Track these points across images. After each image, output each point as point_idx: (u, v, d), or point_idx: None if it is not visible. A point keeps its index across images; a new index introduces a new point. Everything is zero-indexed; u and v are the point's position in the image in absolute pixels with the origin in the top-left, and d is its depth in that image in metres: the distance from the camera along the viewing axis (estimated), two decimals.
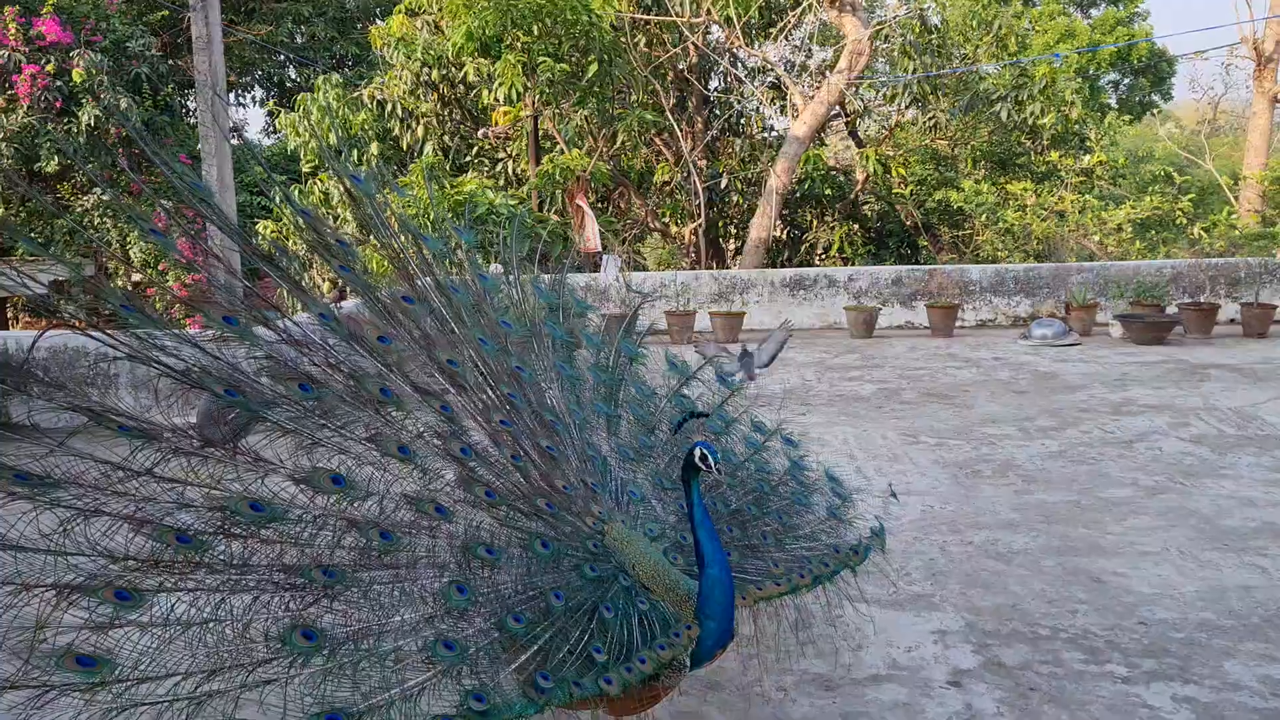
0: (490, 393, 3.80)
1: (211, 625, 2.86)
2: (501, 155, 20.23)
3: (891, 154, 22.27)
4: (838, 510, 4.43)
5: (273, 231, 16.94)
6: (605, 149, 20.69)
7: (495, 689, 3.02)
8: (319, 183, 17.61)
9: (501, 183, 19.59)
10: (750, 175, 22.93)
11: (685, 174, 21.55)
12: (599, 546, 3.55)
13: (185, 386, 3.09)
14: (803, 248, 24.09)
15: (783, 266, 22.50)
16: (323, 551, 3.10)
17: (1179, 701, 4.24)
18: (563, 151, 18.53)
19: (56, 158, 17.97)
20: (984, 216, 19.88)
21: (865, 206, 24.40)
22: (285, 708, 2.79)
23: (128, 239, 19.39)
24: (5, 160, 17.88)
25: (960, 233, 22.83)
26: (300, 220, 3.81)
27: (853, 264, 22.26)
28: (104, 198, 19.10)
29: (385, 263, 3.99)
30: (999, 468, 7.90)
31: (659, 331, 15.43)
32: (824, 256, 23.75)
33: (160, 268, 18.93)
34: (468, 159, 20.68)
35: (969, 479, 7.61)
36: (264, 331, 3.45)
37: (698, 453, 3.39)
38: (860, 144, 23.85)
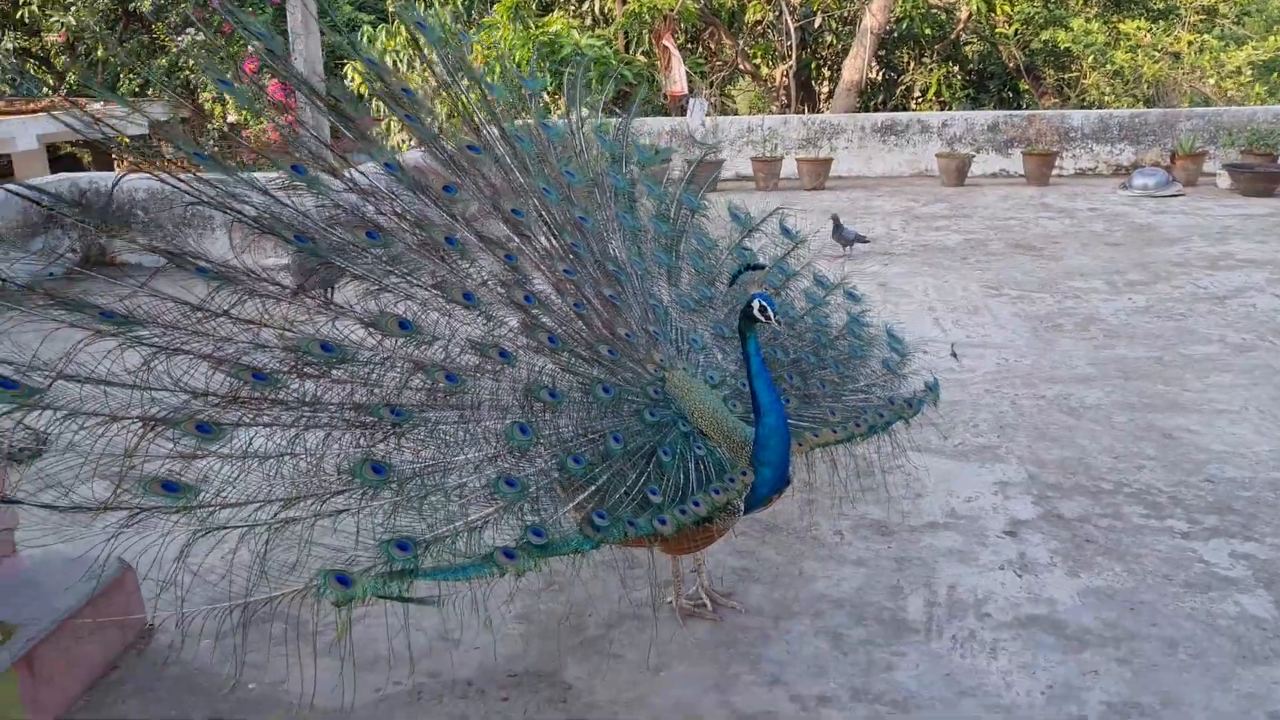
0: (554, 241, 3.86)
1: (287, 458, 3.05)
2: None
3: None
4: (894, 364, 4.46)
5: (362, 74, 16.89)
6: None
7: (554, 525, 3.18)
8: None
9: (589, 22, 19.14)
10: (846, 14, 21.98)
11: (777, 12, 20.75)
12: (659, 392, 3.65)
13: (257, 232, 3.21)
14: (898, 91, 23.20)
15: (877, 110, 21.78)
16: (391, 392, 3.26)
17: (1236, 557, 4.26)
18: None
19: None
20: (1092, 58, 18.85)
21: (966, 47, 23.28)
22: (358, 535, 3.00)
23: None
24: (101, 1, 18.05)
25: (1066, 75, 21.70)
26: (367, 69, 3.87)
27: (950, 108, 21.41)
28: (198, 38, 19.22)
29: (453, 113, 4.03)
30: (1081, 322, 7.76)
31: (745, 177, 15.24)
32: (920, 100, 22.89)
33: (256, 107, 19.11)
34: None
35: (1048, 332, 7.51)
36: (332, 181, 3.54)
37: (756, 304, 3.42)
38: None
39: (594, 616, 3.93)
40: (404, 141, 13.81)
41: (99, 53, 19.48)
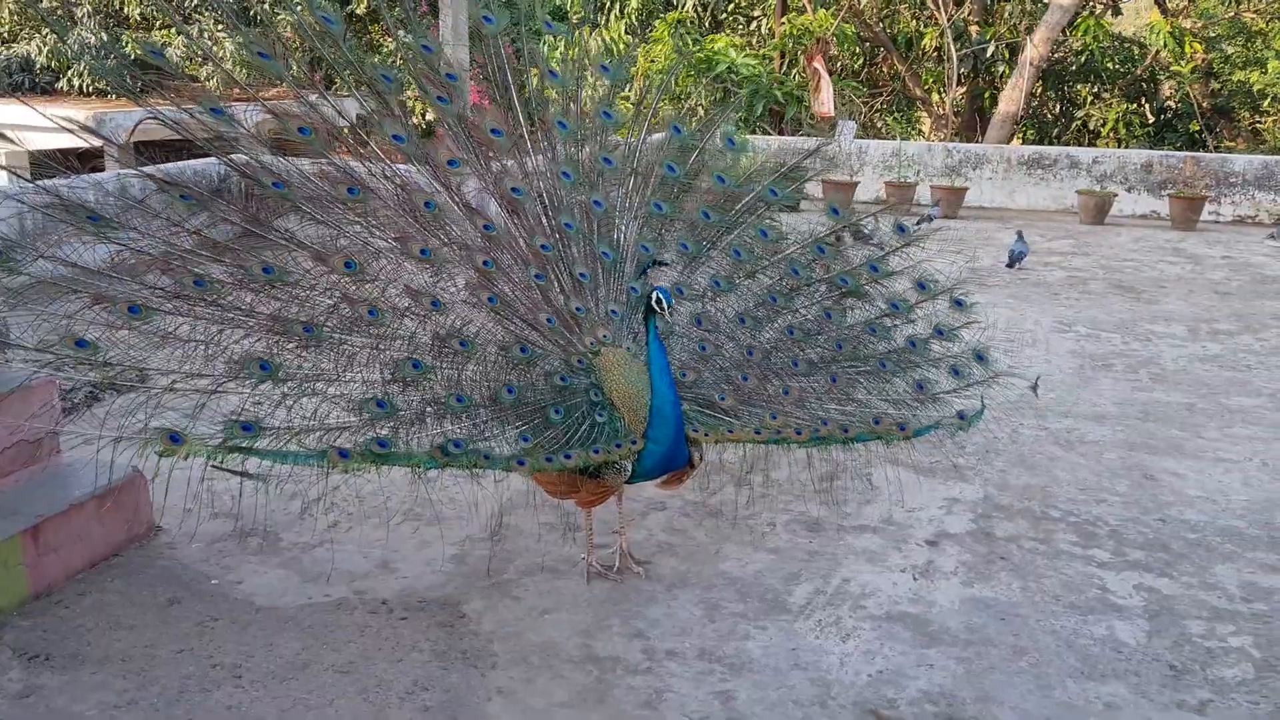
0: (545, 220, 4.35)
1: (199, 345, 3.69)
2: (757, 13, 20.19)
3: (1189, 27, 20.22)
4: (926, 385, 4.56)
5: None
6: (875, 9, 20.09)
7: (404, 441, 3.70)
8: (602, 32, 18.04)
9: (754, 41, 19.62)
10: (1016, 44, 21.61)
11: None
12: (583, 363, 4.14)
13: (243, 177, 3.95)
14: (1073, 125, 22.58)
15: (1052, 144, 21.27)
16: (318, 314, 3.86)
17: (1139, 589, 4.39)
18: (802, 11, 18.25)
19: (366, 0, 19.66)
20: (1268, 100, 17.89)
21: (1155, 85, 22.42)
22: (195, 411, 3.61)
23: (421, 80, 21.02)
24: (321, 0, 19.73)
25: (1262, 119, 20.65)
26: (421, 52, 4.48)
27: (1127, 145, 20.72)
28: (406, 39, 20.80)
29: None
30: (1135, 364, 7.72)
31: (881, 201, 15.35)
32: (1098, 137, 22.18)
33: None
34: (724, 15, 20.77)
35: (1094, 371, 7.53)
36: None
37: (654, 296, 3.86)
38: (1165, 11, 21.74)
39: (516, 564, 4.47)
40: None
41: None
